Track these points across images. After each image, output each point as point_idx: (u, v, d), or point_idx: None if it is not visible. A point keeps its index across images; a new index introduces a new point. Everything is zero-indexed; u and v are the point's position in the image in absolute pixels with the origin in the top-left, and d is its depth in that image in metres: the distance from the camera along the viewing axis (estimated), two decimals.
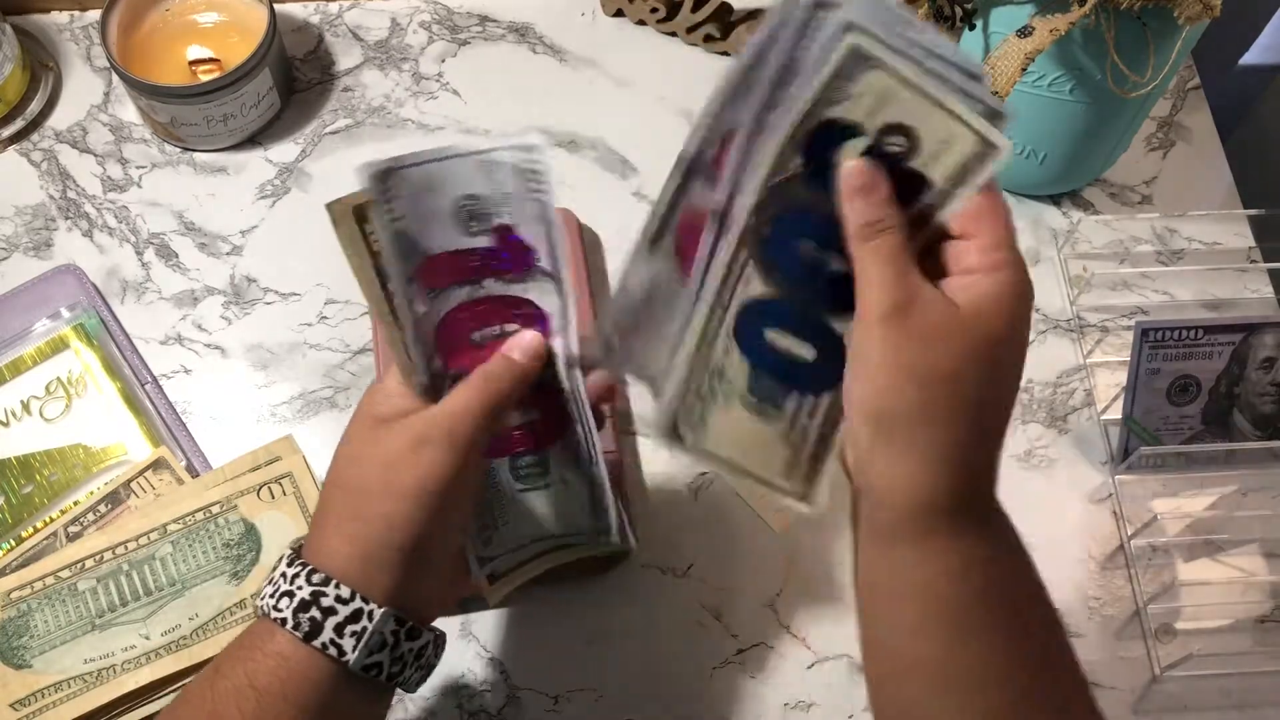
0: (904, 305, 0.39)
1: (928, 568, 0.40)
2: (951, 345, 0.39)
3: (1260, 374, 0.65)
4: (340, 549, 0.44)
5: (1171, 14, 0.59)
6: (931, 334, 0.39)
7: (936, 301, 0.39)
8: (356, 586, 0.44)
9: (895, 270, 0.40)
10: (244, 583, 0.58)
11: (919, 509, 0.40)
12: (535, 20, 0.81)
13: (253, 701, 0.43)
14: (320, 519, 0.46)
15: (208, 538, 0.59)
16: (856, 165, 0.40)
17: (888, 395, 0.39)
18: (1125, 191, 0.77)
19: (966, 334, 0.39)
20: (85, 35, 0.80)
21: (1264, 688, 0.61)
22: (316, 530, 0.46)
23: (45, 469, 0.64)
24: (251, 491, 0.60)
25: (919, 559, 0.40)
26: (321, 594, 0.43)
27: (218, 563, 0.58)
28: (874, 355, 0.40)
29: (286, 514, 0.60)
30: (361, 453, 0.46)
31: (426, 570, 0.46)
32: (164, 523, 0.59)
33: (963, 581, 0.40)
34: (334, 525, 0.45)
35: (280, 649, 0.44)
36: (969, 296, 0.39)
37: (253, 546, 0.59)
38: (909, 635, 0.41)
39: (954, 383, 0.39)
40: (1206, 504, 0.66)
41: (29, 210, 0.73)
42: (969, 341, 0.39)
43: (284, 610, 0.43)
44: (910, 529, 0.40)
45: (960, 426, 0.39)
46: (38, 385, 0.66)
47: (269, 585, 0.45)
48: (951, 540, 0.40)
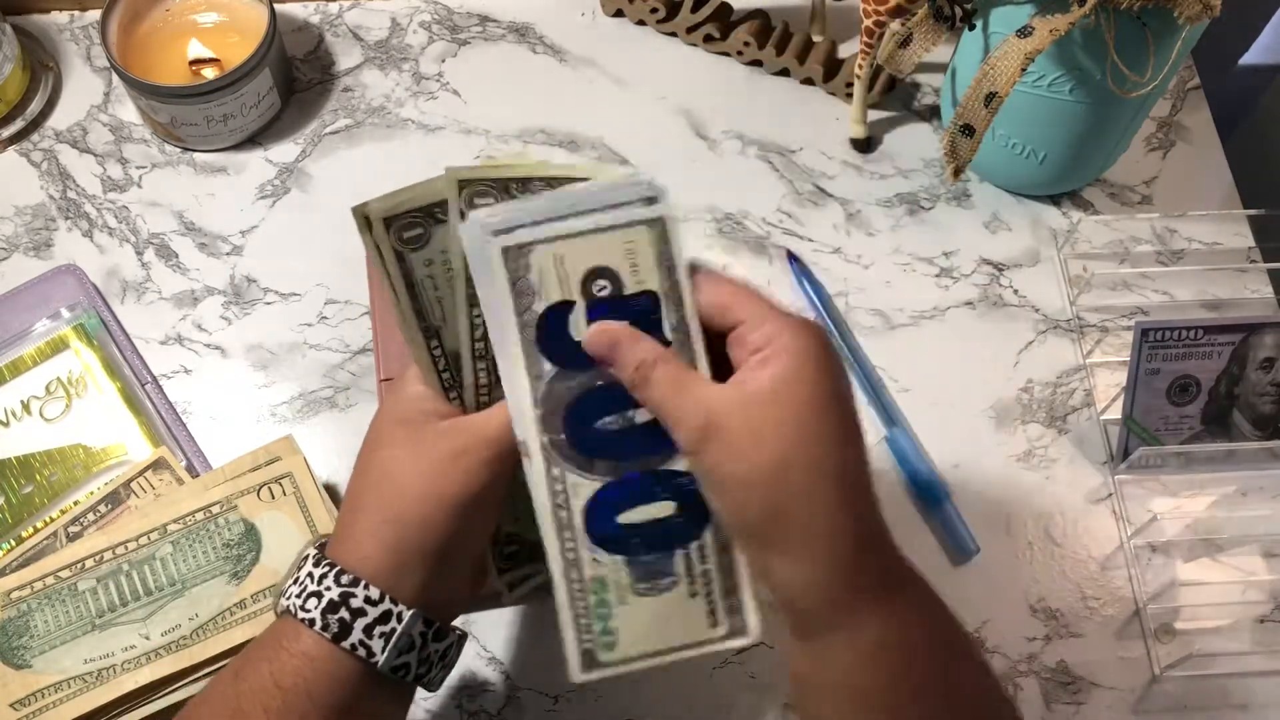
0: (709, 425, 0.40)
1: (843, 658, 0.41)
2: (768, 436, 0.39)
3: (1260, 374, 0.65)
4: (373, 551, 0.44)
5: (1171, 14, 0.59)
6: (746, 438, 0.40)
7: (734, 403, 0.40)
8: (386, 588, 0.44)
9: (682, 398, 0.41)
10: (244, 583, 0.58)
11: (822, 606, 0.40)
12: (535, 20, 0.81)
13: (278, 700, 0.43)
14: (349, 518, 0.46)
15: (208, 538, 0.59)
16: (590, 332, 0.42)
17: (744, 509, 0.40)
18: (1125, 191, 0.77)
19: (777, 418, 0.39)
20: (85, 35, 0.80)
21: (1264, 688, 0.61)
22: (345, 530, 0.46)
23: (45, 469, 0.64)
24: (251, 491, 0.60)
25: (833, 651, 0.41)
26: (350, 595, 0.43)
27: (218, 563, 0.58)
28: (714, 479, 0.41)
29: (286, 514, 0.60)
30: (396, 455, 0.46)
31: (452, 573, 0.46)
32: (164, 523, 0.59)
33: (879, 666, 0.41)
34: (366, 527, 0.45)
35: (306, 649, 0.43)
36: (762, 377, 0.40)
37: (253, 547, 0.59)
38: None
39: (790, 467, 0.39)
40: (1206, 504, 0.66)
41: (29, 210, 0.73)
42: (782, 423, 0.39)
43: (312, 610, 0.43)
44: (820, 624, 0.41)
45: (829, 502, 0.40)
46: (38, 385, 0.66)
47: (293, 584, 0.45)
48: (858, 628, 0.40)
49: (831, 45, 0.79)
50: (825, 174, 0.76)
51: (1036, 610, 0.63)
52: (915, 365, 0.70)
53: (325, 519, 0.60)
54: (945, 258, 0.73)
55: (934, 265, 0.73)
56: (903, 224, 0.74)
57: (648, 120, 0.78)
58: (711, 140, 0.77)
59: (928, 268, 0.73)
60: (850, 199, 0.75)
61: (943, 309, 0.72)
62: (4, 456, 0.64)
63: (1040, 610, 0.63)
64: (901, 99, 0.79)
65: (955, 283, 0.73)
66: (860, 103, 0.75)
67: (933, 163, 0.77)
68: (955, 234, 0.74)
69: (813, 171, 0.76)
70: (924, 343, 0.71)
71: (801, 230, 0.74)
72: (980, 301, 0.72)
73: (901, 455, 0.66)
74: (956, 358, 0.70)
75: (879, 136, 0.78)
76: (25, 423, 0.65)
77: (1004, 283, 0.73)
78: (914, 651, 0.41)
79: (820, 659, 0.41)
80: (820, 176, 0.76)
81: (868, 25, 0.70)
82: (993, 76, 0.62)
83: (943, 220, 0.75)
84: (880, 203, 0.75)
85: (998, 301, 0.72)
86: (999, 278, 0.73)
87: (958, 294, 0.72)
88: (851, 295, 0.72)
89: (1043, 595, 0.63)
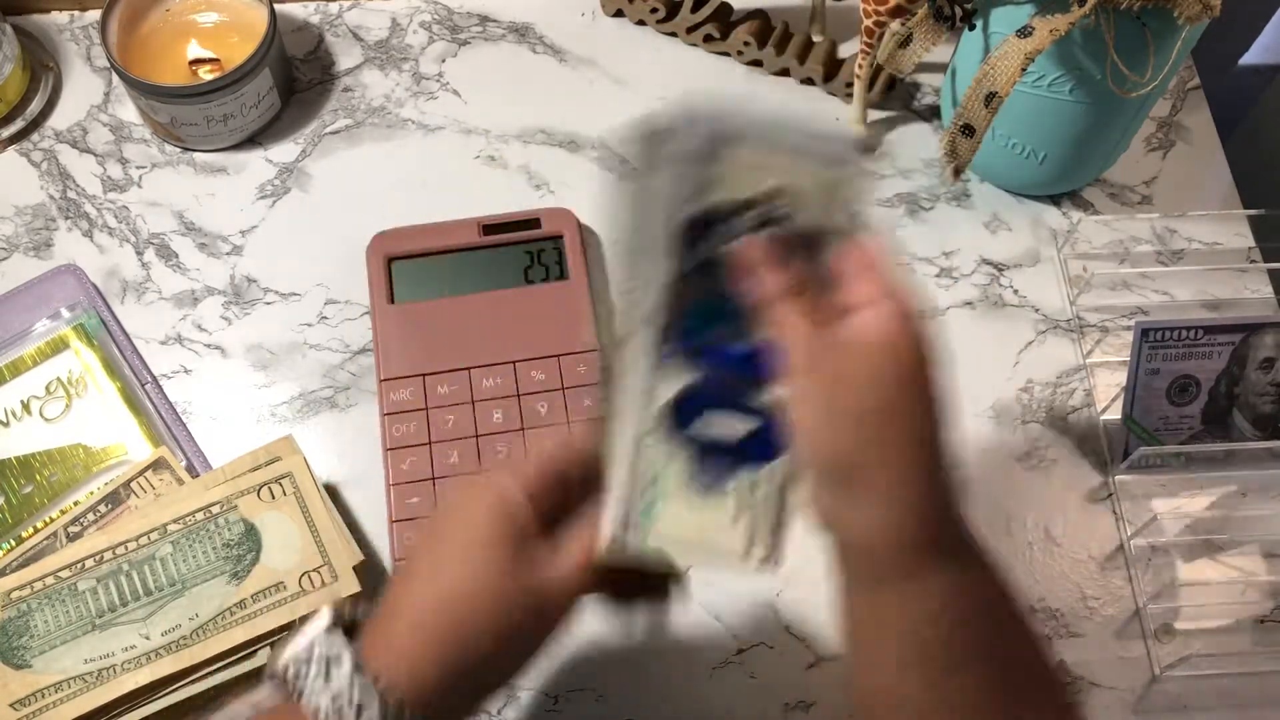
0: (820, 356, 0.41)
1: (908, 609, 0.42)
2: (873, 380, 0.41)
3: (1260, 374, 0.65)
4: (430, 676, 0.42)
5: (1171, 14, 0.59)
6: (852, 376, 0.41)
7: (848, 346, 0.41)
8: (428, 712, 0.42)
9: (804, 328, 0.42)
10: (244, 582, 0.58)
11: (891, 553, 0.41)
12: (535, 20, 0.81)
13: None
14: (409, 631, 0.43)
15: (208, 538, 0.59)
16: (744, 244, 0.43)
17: (832, 444, 0.41)
18: (1125, 191, 0.77)
19: (881, 367, 0.41)
20: (85, 35, 0.80)
21: (1264, 688, 0.61)
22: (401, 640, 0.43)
23: (45, 469, 0.64)
24: (251, 491, 0.60)
25: (899, 602, 0.42)
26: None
27: (218, 563, 0.58)
28: (807, 411, 0.41)
29: (287, 514, 0.60)
30: (478, 588, 0.43)
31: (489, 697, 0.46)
32: (164, 523, 0.59)
33: (942, 619, 0.41)
34: (428, 647, 0.43)
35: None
36: (866, 334, 0.41)
37: (253, 546, 0.59)
38: (895, 674, 0.42)
39: (888, 415, 0.40)
40: (1206, 504, 0.66)
41: (29, 210, 0.73)
42: (895, 374, 0.41)
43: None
44: (887, 573, 0.42)
45: (908, 457, 0.41)
46: (38, 385, 0.66)
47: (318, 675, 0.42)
48: (928, 579, 0.41)
49: (831, 45, 0.79)
50: None
51: (1036, 610, 0.63)
52: None
53: (325, 519, 0.60)
54: (945, 258, 0.73)
55: (934, 265, 0.73)
56: (902, 224, 0.74)
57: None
58: None
59: (927, 268, 0.73)
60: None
61: (942, 309, 0.72)
62: (4, 456, 0.64)
63: (1040, 610, 0.63)
64: (901, 99, 0.79)
65: (955, 283, 0.73)
66: (860, 103, 0.75)
67: (933, 163, 0.77)
68: (955, 234, 0.74)
69: None
70: None
71: None
72: (980, 301, 0.72)
73: None
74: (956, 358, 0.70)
75: (879, 136, 0.78)
76: (25, 423, 0.65)
77: (1004, 283, 0.73)
78: (979, 612, 0.42)
79: (886, 607, 0.42)
80: None
81: (868, 25, 0.70)
82: (993, 76, 0.62)
83: (942, 220, 0.75)
84: (880, 203, 0.75)
85: (998, 301, 0.72)
86: (999, 278, 0.73)
87: (957, 294, 0.72)
88: None
89: (1043, 595, 0.63)
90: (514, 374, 0.66)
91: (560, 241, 0.70)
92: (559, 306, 0.68)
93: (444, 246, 0.69)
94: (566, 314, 0.68)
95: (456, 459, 0.64)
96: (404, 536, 0.62)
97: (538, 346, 0.67)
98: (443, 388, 0.65)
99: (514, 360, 0.66)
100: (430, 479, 0.63)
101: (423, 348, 0.66)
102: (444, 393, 0.65)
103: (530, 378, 0.66)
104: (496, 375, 0.66)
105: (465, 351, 0.66)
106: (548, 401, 0.65)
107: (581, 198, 0.74)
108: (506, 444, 0.64)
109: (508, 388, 0.66)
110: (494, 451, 0.64)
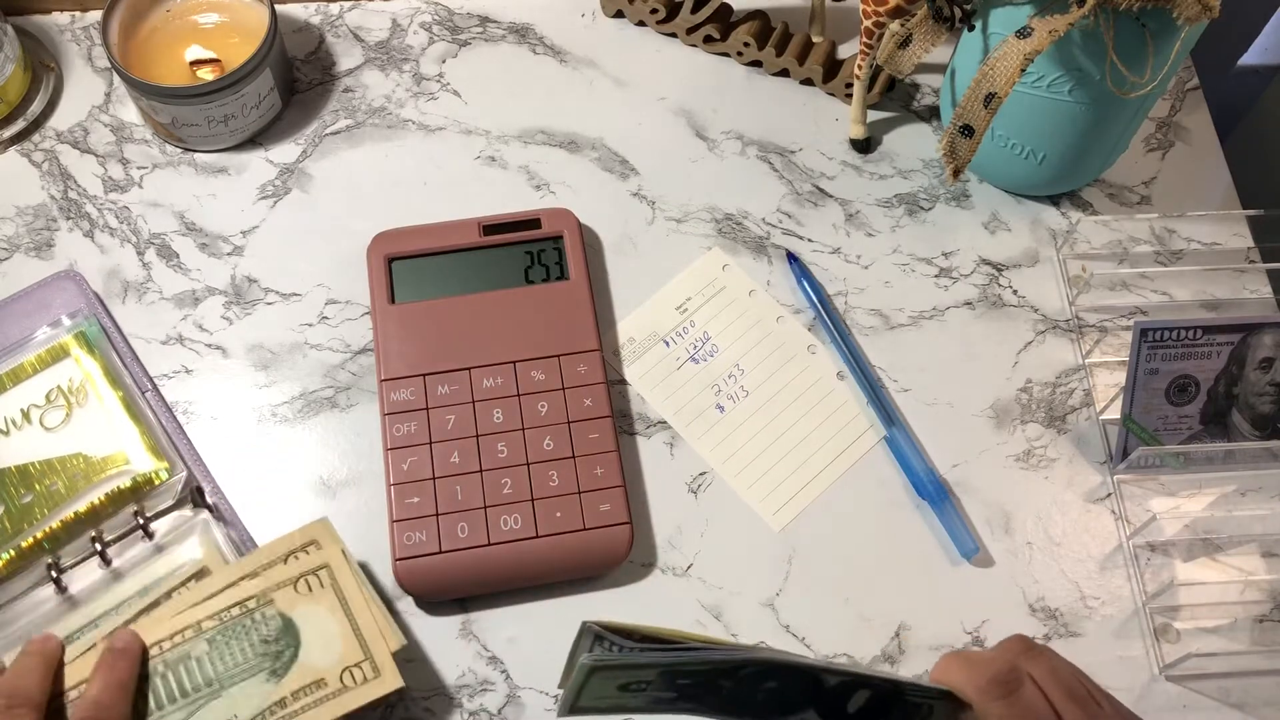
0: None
1: None
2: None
3: (1259, 374, 0.65)
4: None
5: (1171, 14, 0.59)
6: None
7: None
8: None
9: None
10: (283, 680, 0.55)
11: None
12: (535, 21, 0.82)
13: None
14: None
15: (244, 634, 0.56)
16: None
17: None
18: (1124, 192, 0.77)
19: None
20: (86, 36, 0.80)
21: (1264, 688, 0.61)
22: None
23: (45, 478, 0.63)
24: (288, 584, 0.58)
25: None
26: None
27: (255, 660, 0.56)
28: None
29: (325, 608, 0.57)
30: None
31: None
32: (199, 620, 0.57)
33: None
34: None
35: None
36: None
37: (291, 643, 0.56)
38: None
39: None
40: (1205, 504, 0.66)
41: (30, 210, 0.73)
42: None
43: None
44: None
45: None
46: (38, 393, 0.66)
47: None
48: None
49: (831, 45, 0.79)
50: (825, 174, 0.76)
51: (1036, 610, 0.63)
52: (915, 365, 0.70)
53: (365, 611, 0.57)
54: (944, 258, 0.74)
55: (933, 265, 0.73)
56: (902, 224, 0.74)
57: (648, 120, 0.78)
58: (711, 140, 0.77)
59: (927, 268, 0.73)
60: (850, 199, 0.75)
61: (942, 309, 0.72)
62: (3, 465, 0.64)
63: (1040, 610, 0.63)
64: (901, 99, 0.79)
65: (954, 283, 0.73)
66: (860, 103, 0.75)
67: (932, 163, 0.77)
68: (954, 234, 0.74)
69: (812, 172, 0.76)
70: (923, 343, 0.71)
71: (801, 230, 0.74)
72: (979, 302, 0.72)
73: (901, 455, 0.66)
74: (956, 358, 0.70)
75: (878, 137, 0.78)
76: (25, 431, 0.65)
77: (1003, 283, 0.73)
78: None
79: None
80: (820, 177, 0.76)
81: (867, 26, 0.70)
82: (992, 77, 0.62)
83: (942, 220, 0.75)
84: (880, 203, 0.75)
85: (997, 302, 0.72)
86: (998, 278, 0.73)
87: (957, 294, 0.72)
88: (851, 295, 0.72)
89: (1042, 595, 0.64)
90: (514, 374, 0.66)
91: (560, 241, 0.70)
92: (559, 306, 0.68)
93: (444, 246, 0.69)
94: (566, 314, 0.68)
95: (457, 458, 0.64)
96: (404, 536, 0.62)
97: (538, 346, 0.67)
98: (443, 388, 0.66)
99: (514, 360, 0.66)
100: (430, 479, 0.63)
101: (423, 348, 0.67)
102: (444, 393, 0.65)
103: (530, 378, 0.66)
104: (496, 375, 0.66)
105: (465, 351, 0.66)
106: (548, 401, 0.65)
107: (581, 198, 0.74)
108: (506, 444, 0.64)
109: (508, 388, 0.66)
110: (494, 451, 0.64)
